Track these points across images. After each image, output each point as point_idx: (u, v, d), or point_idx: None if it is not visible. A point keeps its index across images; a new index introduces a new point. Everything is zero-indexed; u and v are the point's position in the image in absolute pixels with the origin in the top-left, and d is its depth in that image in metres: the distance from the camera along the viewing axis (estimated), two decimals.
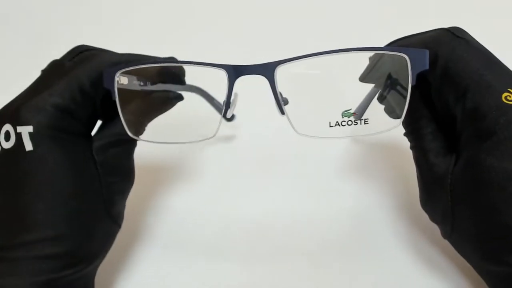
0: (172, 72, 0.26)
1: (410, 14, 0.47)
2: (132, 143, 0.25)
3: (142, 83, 0.25)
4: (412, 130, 0.24)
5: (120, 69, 0.24)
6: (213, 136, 0.23)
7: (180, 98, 0.27)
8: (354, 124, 0.23)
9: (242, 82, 0.23)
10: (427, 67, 0.22)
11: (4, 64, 0.48)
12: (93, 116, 0.24)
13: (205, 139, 0.23)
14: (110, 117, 0.24)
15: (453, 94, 0.21)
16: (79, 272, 0.20)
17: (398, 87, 0.24)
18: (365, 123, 0.23)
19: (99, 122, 0.25)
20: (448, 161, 0.22)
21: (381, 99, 0.26)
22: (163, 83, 0.26)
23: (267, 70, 0.22)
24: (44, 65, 0.25)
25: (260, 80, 0.23)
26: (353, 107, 0.23)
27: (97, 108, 0.24)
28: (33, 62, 0.47)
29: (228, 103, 0.23)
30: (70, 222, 0.20)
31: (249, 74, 0.22)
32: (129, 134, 0.24)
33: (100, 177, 0.22)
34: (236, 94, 0.24)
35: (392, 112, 0.25)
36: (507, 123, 0.19)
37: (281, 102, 0.23)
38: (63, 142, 0.21)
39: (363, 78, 0.25)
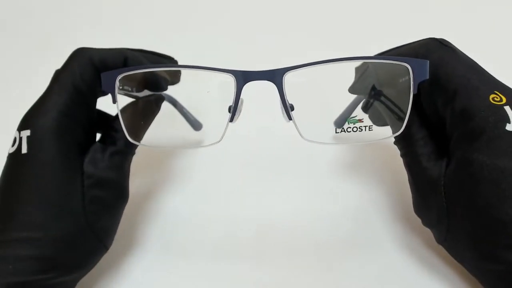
0: (157, 79, 0.25)
1: (404, 24, 0.48)
2: (126, 158, 0.24)
3: (129, 88, 0.24)
4: (403, 136, 0.24)
5: (121, 72, 0.23)
6: (219, 141, 0.23)
7: (162, 99, 0.27)
8: (359, 131, 0.23)
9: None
10: (427, 76, 0.22)
11: (4, 65, 0.47)
12: (90, 118, 0.23)
13: (211, 144, 0.23)
14: (106, 129, 0.24)
15: (442, 99, 0.22)
16: (53, 279, 0.20)
17: (383, 98, 0.24)
18: (369, 130, 0.24)
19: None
20: (440, 165, 0.22)
21: (365, 109, 0.26)
22: (148, 89, 0.25)
23: (276, 76, 0.22)
24: (44, 67, 0.24)
25: (261, 84, 0.22)
26: (358, 114, 0.23)
27: (93, 109, 0.23)
28: (33, 63, 0.46)
29: (235, 108, 0.22)
30: (47, 227, 0.20)
31: (257, 79, 0.22)
32: (129, 139, 0.23)
33: (84, 189, 0.21)
34: (242, 100, 0.23)
35: (378, 121, 0.25)
36: (496, 121, 0.20)
37: (288, 108, 0.22)
38: (57, 147, 0.20)
39: (352, 90, 0.25)
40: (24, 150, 0.20)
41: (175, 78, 0.26)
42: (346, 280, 0.25)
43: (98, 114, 0.25)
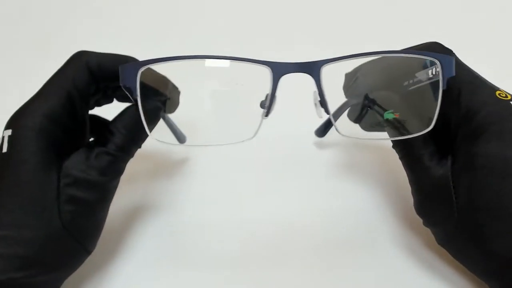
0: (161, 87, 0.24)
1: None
2: (115, 161, 0.22)
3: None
4: (402, 139, 0.23)
5: (144, 64, 0.21)
6: (253, 137, 0.21)
7: (160, 109, 0.25)
8: (399, 123, 0.22)
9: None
10: (453, 73, 0.22)
11: (4, 65, 0.45)
12: (80, 123, 0.22)
13: (244, 141, 0.21)
14: (102, 131, 0.23)
15: (447, 99, 0.22)
16: (29, 278, 0.19)
17: (377, 107, 0.24)
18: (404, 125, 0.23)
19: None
20: (444, 163, 0.21)
21: (359, 119, 0.25)
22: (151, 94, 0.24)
23: (314, 68, 0.21)
24: (44, 67, 0.23)
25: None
26: (394, 108, 0.22)
27: (83, 114, 0.22)
28: (33, 63, 0.45)
29: (271, 102, 0.21)
30: (20, 226, 0.19)
31: (294, 72, 0.21)
32: (147, 130, 0.22)
33: (60, 188, 0.20)
34: (275, 97, 0.21)
35: (370, 128, 0.25)
36: (504, 115, 0.20)
37: (326, 102, 0.21)
38: (36, 147, 0.20)
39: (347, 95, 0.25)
40: (4, 149, 0.20)
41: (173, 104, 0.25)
42: (346, 280, 0.24)
43: (95, 120, 0.25)
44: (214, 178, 0.32)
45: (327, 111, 0.21)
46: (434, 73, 0.22)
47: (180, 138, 0.30)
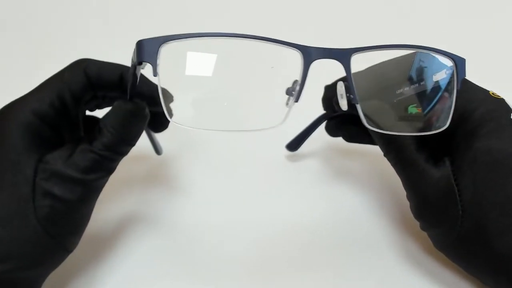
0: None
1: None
2: (102, 159, 0.20)
3: None
4: (394, 146, 0.23)
5: (168, 40, 0.20)
6: (281, 123, 0.20)
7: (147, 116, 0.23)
8: (417, 120, 0.22)
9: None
10: (465, 75, 0.22)
11: (4, 65, 0.45)
12: (69, 126, 0.22)
13: (273, 127, 0.20)
14: (92, 129, 0.21)
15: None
16: (3, 273, 0.18)
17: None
18: (423, 121, 0.22)
19: None
20: (441, 165, 0.21)
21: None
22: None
23: (344, 56, 0.20)
24: (44, 67, 0.24)
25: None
26: (417, 103, 0.22)
27: (74, 116, 0.22)
28: (33, 63, 0.44)
29: (302, 87, 0.19)
30: None
31: (325, 58, 0.20)
32: (169, 118, 0.20)
33: (36, 182, 0.19)
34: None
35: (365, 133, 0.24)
36: (501, 111, 0.21)
37: (355, 91, 0.20)
38: (17, 141, 0.19)
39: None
40: None
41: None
42: (343, 283, 0.23)
43: (89, 120, 0.24)
44: (214, 179, 0.31)
45: (355, 100, 0.20)
46: (444, 75, 0.21)
47: (158, 149, 0.31)
